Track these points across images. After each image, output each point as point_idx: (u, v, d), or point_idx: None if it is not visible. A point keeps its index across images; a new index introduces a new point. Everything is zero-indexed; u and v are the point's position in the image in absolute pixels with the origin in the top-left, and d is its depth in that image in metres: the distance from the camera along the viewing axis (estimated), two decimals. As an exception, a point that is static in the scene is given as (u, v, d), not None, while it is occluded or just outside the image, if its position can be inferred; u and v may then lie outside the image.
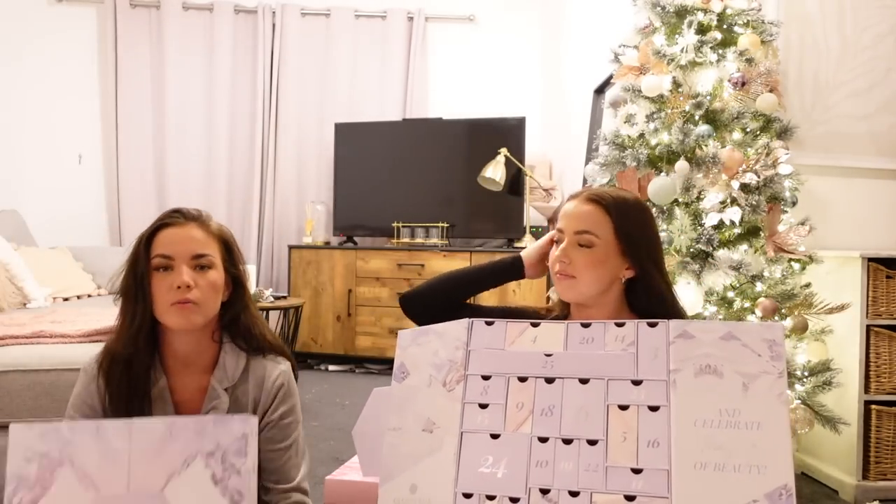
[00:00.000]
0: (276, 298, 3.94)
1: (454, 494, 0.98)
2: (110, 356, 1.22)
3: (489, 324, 1.09)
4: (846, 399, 2.32)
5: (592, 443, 0.97)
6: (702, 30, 2.31)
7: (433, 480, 1.00)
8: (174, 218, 1.22)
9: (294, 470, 1.31)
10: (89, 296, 4.00)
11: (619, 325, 1.04)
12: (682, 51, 2.28)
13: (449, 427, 1.03)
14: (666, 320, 1.03)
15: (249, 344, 1.28)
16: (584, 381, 1.01)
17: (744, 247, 2.20)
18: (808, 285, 2.25)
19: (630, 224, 1.28)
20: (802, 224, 2.25)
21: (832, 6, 2.68)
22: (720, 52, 2.30)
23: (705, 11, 2.31)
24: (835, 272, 2.40)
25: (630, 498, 0.92)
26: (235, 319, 1.27)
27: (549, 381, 1.02)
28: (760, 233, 2.22)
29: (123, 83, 4.74)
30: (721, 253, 2.16)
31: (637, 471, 0.93)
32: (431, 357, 1.08)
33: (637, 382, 0.99)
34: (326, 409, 3.35)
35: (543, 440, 0.98)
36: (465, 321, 1.10)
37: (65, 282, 3.88)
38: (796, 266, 2.25)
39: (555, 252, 1.31)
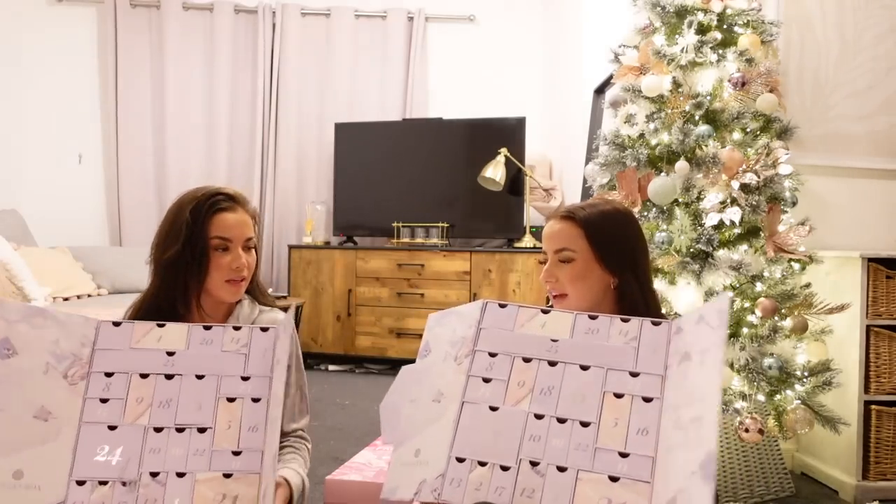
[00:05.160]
0: (276, 298, 3.93)
1: (448, 458, 1.02)
2: (154, 308, 1.37)
3: (502, 306, 1.14)
4: (846, 399, 2.32)
5: (585, 424, 1.01)
6: (702, 30, 2.31)
7: (434, 445, 1.04)
8: (230, 203, 1.39)
9: (299, 415, 1.44)
10: (89, 295, 4.00)
11: (625, 320, 1.08)
12: (682, 51, 2.28)
13: (453, 397, 1.07)
14: (668, 320, 1.07)
15: (265, 298, 1.48)
16: (584, 368, 1.05)
17: (744, 247, 2.20)
18: (808, 285, 2.25)
19: (604, 234, 1.32)
20: (802, 224, 2.25)
21: (832, 6, 2.68)
22: (720, 52, 2.30)
23: (705, 11, 2.31)
24: (835, 272, 2.40)
25: (614, 479, 0.96)
26: (255, 279, 1.47)
27: (552, 364, 1.07)
28: (760, 233, 2.23)
29: (123, 83, 4.74)
30: (721, 253, 2.16)
31: (624, 455, 0.98)
32: (450, 335, 1.14)
33: (634, 374, 1.03)
34: (326, 409, 3.35)
35: (539, 417, 1.03)
36: (479, 302, 1.15)
37: (65, 282, 3.88)
38: (796, 266, 2.25)
39: (541, 275, 1.37)
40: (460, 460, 1.02)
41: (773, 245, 2.20)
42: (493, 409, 1.05)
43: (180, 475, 1.03)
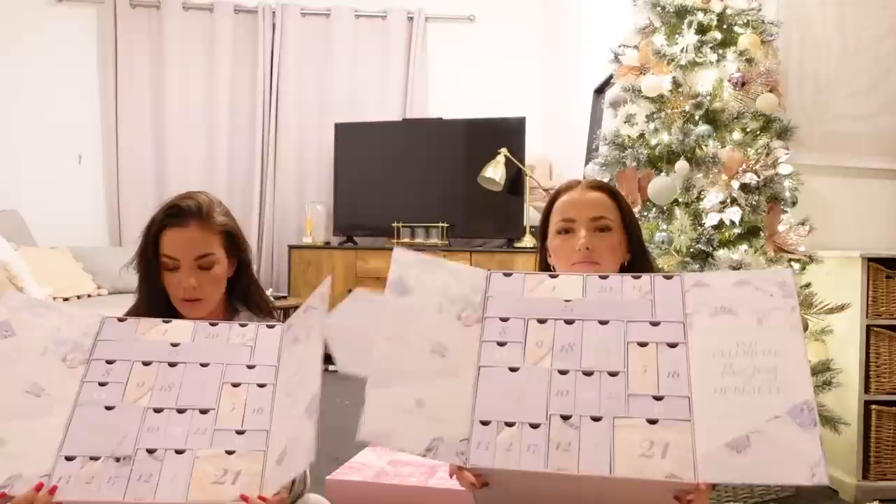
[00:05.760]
0: (276, 298, 3.93)
1: (471, 422, 0.98)
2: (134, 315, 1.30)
3: (507, 275, 1.12)
4: (846, 399, 2.32)
5: (613, 374, 1.00)
6: (702, 30, 2.31)
7: (446, 403, 1.00)
8: (177, 219, 1.29)
9: None
10: (89, 296, 4.00)
11: (636, 277, 1.08)
12: (682, 51, 2.28)
13: (465, 358, 1.04)
14: (680, 273, 1.09)
15: (261, 309, 1.40)
16: (603, 323, 1.05)
17: (744, 247, 2.20)
18: (808, 285, 2.25)
19: (628, 210, 1.34)
20: (802, 224, 2.25)
21: (832, 6, 2.68)
22: (720, 52, 2.30)
23: (705, 11, 2.31)
24: (835, 272, 2.40)
25: (652, 421, 0.95)
26: (246, 292, 1.38)
27: (569, 322, 1.05)
28: (760, 233, 2.22)
29: (123, 83, 4.74)
30: (721, 253, 2.16)
31: (658, 398, 0.97)
32: (442, 288, 1.09)
33: (655, 324, 1.03)
34: (326, 409, 3.32)
35: (563, 372, 1.01)
36: (482, 271, 1.12)
37: (65, 282, 3.88)
38: (796, 266, 2.25)
39: (571, 242, 1.28)
40: (485, 423, 0.98)
41: (773, 245, 2.20)
42: (513, 369, 1.02)
43: (179, 452, 1.01)
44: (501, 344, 1.05)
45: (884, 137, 2.70)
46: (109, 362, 1.10)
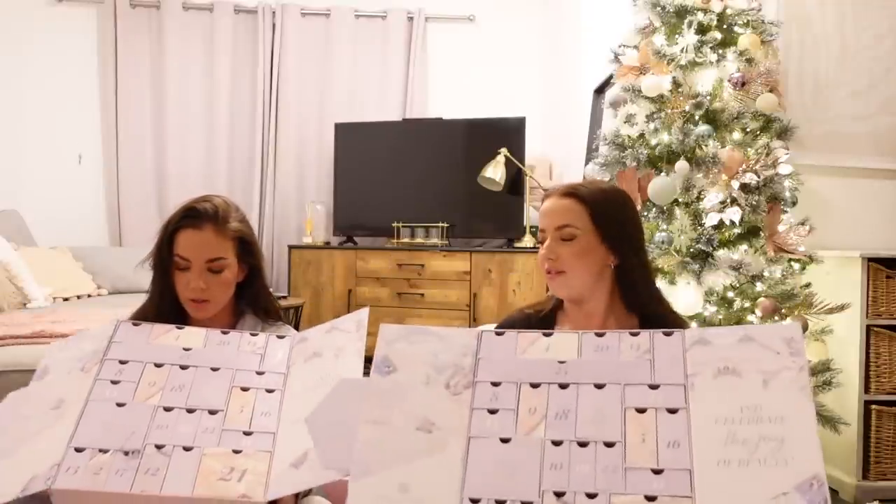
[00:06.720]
0: (277, 298, 3.92)
1: (461, 499, 0.93)
2: (142, 316, 1.34)
3: (499, 334, 1.07)
4: (846, 399, 2.32)
5: (610, 445, 0.94)
6: (702, 30, 2.31)
7: (432, 482, 0.95)
8: (193, 220, 1.32)
9: None
10: (89, 296, 4.00)
11: (634, 334, 1.03)
12: (682, 51, 2.28)
13: (454, 430, 0.98)
14: (682, 329, 1.03)
15: (267, 314, 1.45)
16: (599, 386, 0.99)
17: (744, 247, 2.20)
18: (808, 285, 2.25)
19: (606, 212, 1.31)
20: (802, 224, 2.25)
21: (832, 6, 2.68)
22: (720, 52, 2.30)
23: (705, 11, 2.31)
24: (835, 272, 2.40)
25: (651, 498, 0.89)
26: (255, 297, 1.43)
27: (563, 386, 1.00)
28: (760, 233, 2.23)
29: (123, 83, 4.73)
30: (721, 253, 2.16)
31: (657, 471, 0.91)
32: (429, 357, 1.04)
33: (654, 387, 0.97)
34: (326, 409, 3.33)
35: (557, 443, 0.95)
36: (473, 330, 1.08)
37: (65, 282, 3.88)
38: (796, 266, 2.25)
39: (541, 252, 1.33)
40: (475, 501, 0.92)
41: (773, 245, 2.20)
42: (505, 440, 0.96)
43: (187, 449, 1.04)
44: (493, 411, 0.99)
45: (883, 137, 2.71)
46: (122, 362, 1.14)
